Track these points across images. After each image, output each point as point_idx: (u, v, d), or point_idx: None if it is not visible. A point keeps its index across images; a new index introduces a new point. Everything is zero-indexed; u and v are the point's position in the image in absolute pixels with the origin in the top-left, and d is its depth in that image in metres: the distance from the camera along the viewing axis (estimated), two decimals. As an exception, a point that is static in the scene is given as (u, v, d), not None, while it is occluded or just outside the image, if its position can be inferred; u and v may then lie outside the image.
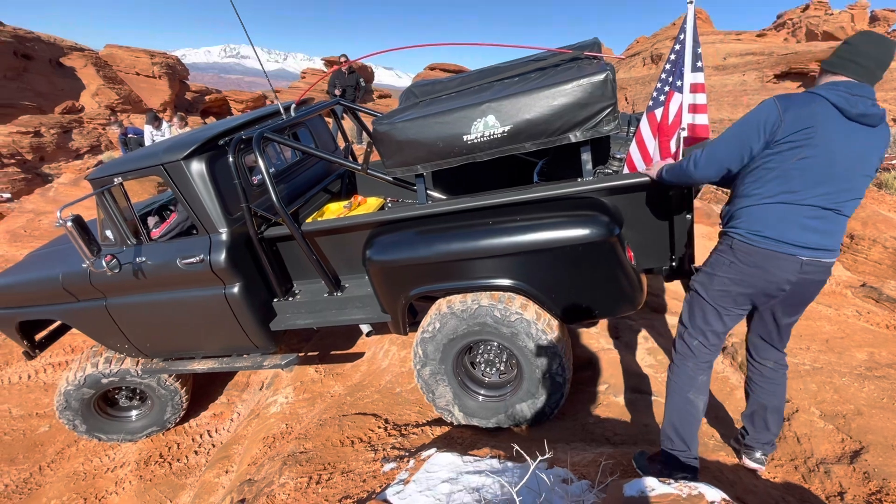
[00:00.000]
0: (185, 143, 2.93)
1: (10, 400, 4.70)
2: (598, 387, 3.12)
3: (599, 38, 3.00)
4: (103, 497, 3.76)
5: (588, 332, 3.68)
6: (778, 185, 1.78)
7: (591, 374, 3.27)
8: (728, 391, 2.99)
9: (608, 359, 3.37)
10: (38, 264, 3.77)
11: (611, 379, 3.15)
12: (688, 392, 2.08)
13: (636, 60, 28.54)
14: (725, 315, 2.01)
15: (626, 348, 3.48)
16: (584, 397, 3.05)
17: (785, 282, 1.85)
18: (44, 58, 30.61)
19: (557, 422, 2.78)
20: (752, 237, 1.85)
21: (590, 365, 3.36)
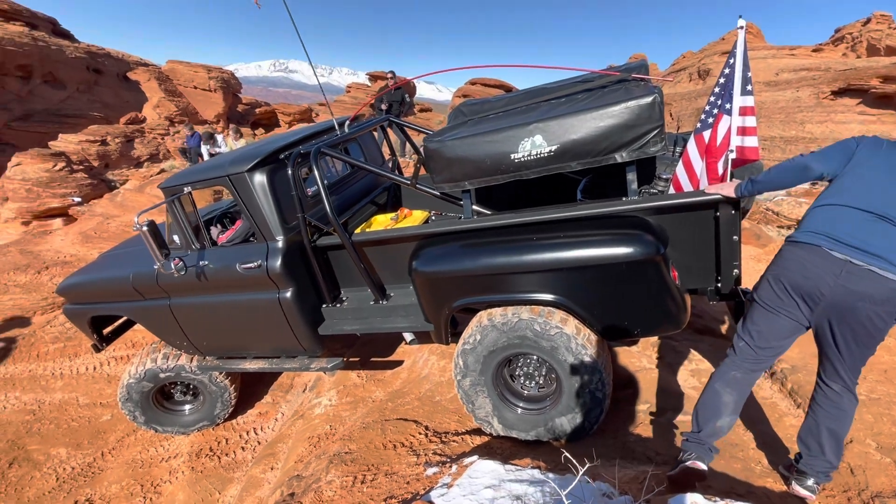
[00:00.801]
0: (249, 157, 3.15)
1: (78, 389, 5.07)
2: (638, 405, 3.10)
3: (645, 52, 3.03)
4: (158, 485, 4.01)
5: (629, 351, 3.66)
6: (835, 192, 1.91)
7: (632, 392, 3.25)
8: (777, 417, 2.91)
9: (650, 378, 3.35)
10: (111, 264, 4.08)
11: (653, 399, 3.13)
12: (715, 383, 2.16)
13: (682, 76, 27.97)
14: (772, 314, 2.03)
15: (669, 369, 3.44)
16: (625, 415, 3.04)
17: (824, 283, 1.86)
18: (112, 72, 32.95)
19: (597, 438, 2.78)
20: (796, 234, 1.97)
21: (630, 383, 3.34)
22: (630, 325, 2.59)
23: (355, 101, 31.89)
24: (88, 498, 3.91)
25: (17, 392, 5.01)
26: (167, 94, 31.43)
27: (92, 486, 4.04)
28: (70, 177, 17.87)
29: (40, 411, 4.81)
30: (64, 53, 29.69)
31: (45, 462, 4.25)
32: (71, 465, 4.22)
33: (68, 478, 4.12)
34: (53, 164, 17.73)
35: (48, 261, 7.44)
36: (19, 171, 17.21)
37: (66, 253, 7.77)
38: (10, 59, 26.53)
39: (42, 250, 7.91)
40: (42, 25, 30.69)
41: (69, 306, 4.12)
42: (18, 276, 6.95)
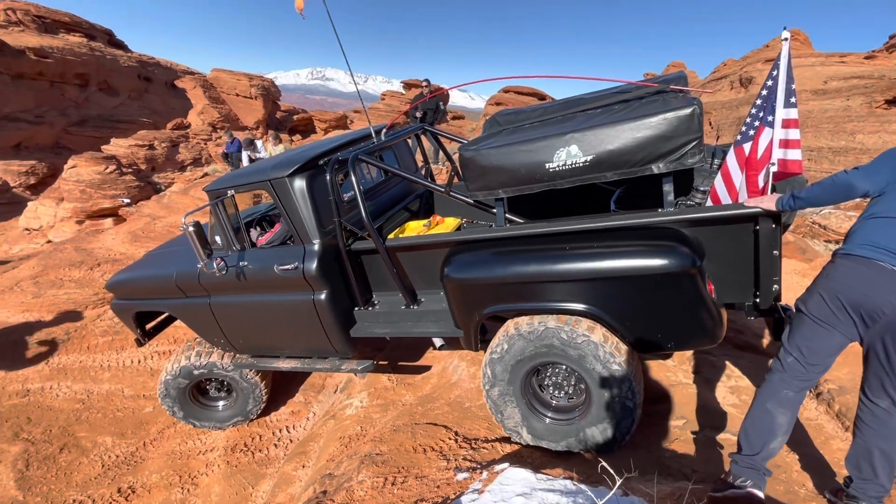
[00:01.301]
0: (290, 162, 3.26)
1: (123, 381, 5.32)
2: (674, 421, 3.03)
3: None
4: (195, 476, 4.15)
5: (664, 364, 3.58)
6: (888, 203, 1.84)
7: (667, 407, 3.18)
8: (823, 440, 2.79)
9: (686, 393, 3.26)
10: (156, 263, 4.28)
11: (689, 414, 3.05)
12: (766, 402, 2.06)
13: (723, 84, 27.19)
14: (824, 330, 1.96)
15: (706, 385, 3.34)
16: (660, 431, 2.97)
17: (886, 302, 1.78)
18: (161, 80, 34.66)
19: (630, 452, 2.73)
20: (850, 247, 1.89)
21: (665, 398, 3.26)
22: (663, 338, 2.55)
23: (390, 109, 32.42)
24: (131, 485, 4.09)
25: (69, 381, 5.29)
26: (211, 101, 32.79)
27: (134, 474, 4.22)
28: (120, 179, 18.85)
29: (89, 400, 5.06)
30: (118, 63, 31.44)
31: (93, 449, 4.47)
32: (115, 454, 4.43)
33: (112, 465, 4.32)
34: (105, 167, 18.75)
35: (100, 258, 7.86)
36: (74, 174, 18.28)
37: (116, 251, 8.20)
38: (70, 69, 28.27)
39: (94, 248, 8.37)
40: (99, 36, 32.62)
41: (116, 301, 4.34)
42: (73, 271, 7.37)
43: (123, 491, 4.04)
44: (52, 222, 17.29)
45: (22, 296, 6.75)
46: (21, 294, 6.79)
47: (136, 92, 32.31)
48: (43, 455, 4.36)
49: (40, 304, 6.53)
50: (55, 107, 27.33)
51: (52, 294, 6.79)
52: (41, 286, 6.99)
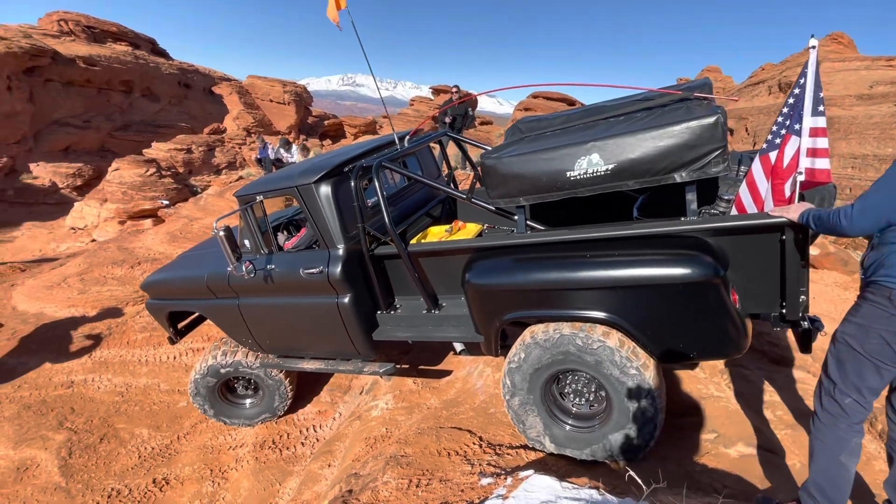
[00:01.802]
0: (316, 169, 3.34)
1: (159, 376, 5.53)
2: (704, 435, 2.95)
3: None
4: (225, 471, 4.28)
5: (695, 377, 3.50)
6: None
7: (698, 420, 3.10)
8: (864, 460, 2.67)
9: (717, 407, 3.18)
10: (188, 264, 4.43)
11: (721, 428, 2.97)
12: (839, 455, 1.93)
13: (760, 89, 26.37)
14: (885, 370, 1.86)
15: (740, 399, 3.25)
16: (689, 444, 2.91)
17: None
18: (199, 86, 35.97)
19: (659, 464, 2.68)
20: None
21: (696, 411, 3.19)
22: (686, 348, 2.51)
23: (418, 114, 32.73)
24: (165, 476, 4.24)
25: (110, 375, 5.53)
26: (246, 106, 33.80)
27: (168, 466, 4.37)
28: (159, 181, 19.62)
29: (127, 393, 5.28)
30: (160, 70, 32.80)
31: (130, 440, 4.66)
32: (151, 446, 4.60)
33: (148, 456, 4.49)
34: (146, 170, 19.56)
35: (140, 257, 8.21)
36: (117, 176, 19.13)
37: (155, 251, 8.54)
38: (116, 76, 29.65)
39: (135, 247, 8.75)
40: (143, 45, 34.13)
41: (151, 301, 4.51)
42: (115, 269, 7.72)
43: (158, 482, 4.19)
44: (96, 222, 18.13)
45: (68, 291, 7.10)
46: (68, 290, 7.15)
47: (176, 98, 33.64)
48: (84, 444, 4.57)
49: (85, 300, 6.86)
50: (101, 112, 28.70)
51: (96, 291, 7.12)
52: (86, 283, 7.35)
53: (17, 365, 5.63)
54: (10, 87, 24.01)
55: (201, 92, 35.82)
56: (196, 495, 4.06)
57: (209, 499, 4.03)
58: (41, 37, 27.28)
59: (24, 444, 4.52)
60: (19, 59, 24.17)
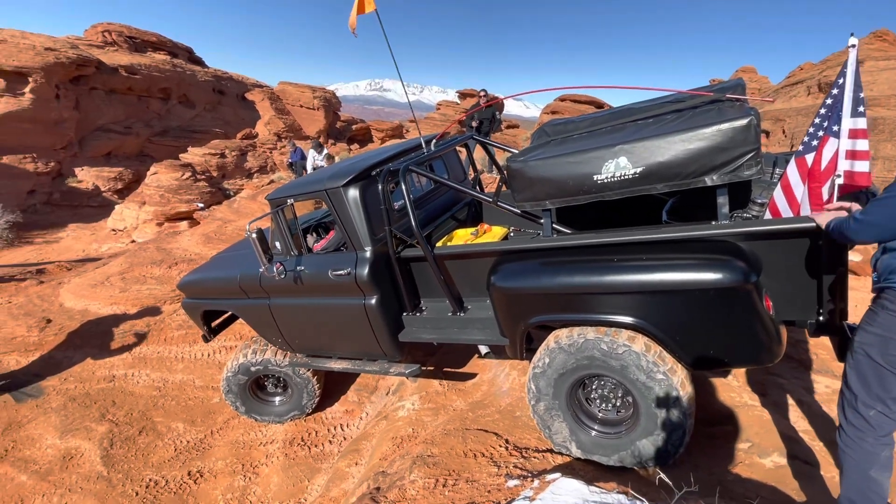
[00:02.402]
0: (345, 173, 3.41)
1: (194, 372, 5.73)
2: (738, 444, 2.88)
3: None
4: (256, 466, 4.40)
5: (728, 385, 3.41)
6: None
7: (731, 429, 3.03)
8: (909, 475, 2.56)
9: (752, 416, 3.09)
10: (222, 265, 4.58)
11: (755, 438, 2.89)
12: (869, 469, 1.87)
13: (799, 89, 25.46)
14: None
15: (775, 408, 3.15)
16: (723, 453, 2.84)
17: None
18: (233, 93, 37.07)
19: (691, 472, 2.63)
20: None
21: (730, 419, 3.11)
22: (717, 355, 2.45)
23: (445, 118, 32.89)
24: (199, 469, 4.39)
25: (148, 370, 5.76)
26: (277, 112, 34.65)
27: (202, 459, 4.52)
28: (195, 185, 20.30)
29: (165, 388, 5.49)
30: (196, 78, 33.98)
31: (167, 433, 4.84)
32: (186, 439, 4.77)
33: (184, 449, 4.65)
34: (182, 174, 20.27)
35: (177, 258, 8.52)
36: (155, 179, 19.89)
37: (191, 252, 8.85)
38: (155, 84, 30.86)
39: (173, 248, 9.09)
40: (180, 54, 35.44)
41: (186, 300, 4.67)
42: (154, 269, 8.04)
43: (193, 474, 4.34)
44: (135, 224, 18.89)
45: (111, 290, 7.44)
46: (110, 288, 7.48)
47: (210, 104, 34.77)
48: (124, 436, 4.78)
49: (126, 298, 7.17)
50: (141, 118, 29.91)
51: (136, 289, 7.43)
52: (127, 282, 7.67)
53: (63, 359, 5.93)
54: (58, 95, 25.30)
55: (235, 98, 36.92)
56: (228, 488, 4.18)
57: (241, 492, 4.15)
58: (87, 47, 28.67)
59: (69, 434, 4.76)
60: (66, 69, 25.46)
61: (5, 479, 4.28)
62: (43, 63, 24.10)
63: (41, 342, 6.18)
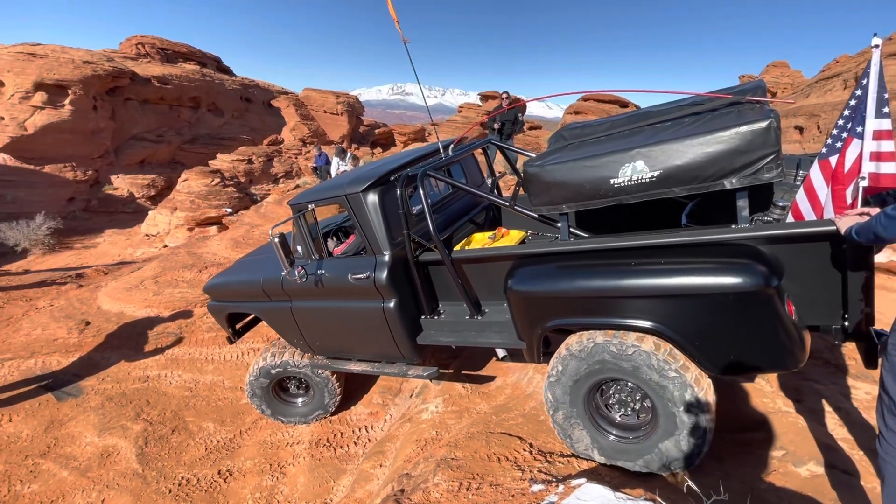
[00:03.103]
0: (364, 178, 3.46)
1: (224, 373, 5.87)
2: (772, 451, 2.79)
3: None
4: (283, 466, 4.48)
5: (761, 391, 3.31)
6: None
7: (764, 436, 2.93)
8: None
9: (786, 423, 2.99)
10: (246, 269, 4.69)
11: (789, 445, 2.79)
12: None
13: (834, 83, 24.54)
14: None
15: (811, 414, 3.04)
16: (755, 460, 2.76)
17: None
18: (259, 100, 37.92)
19: (721, 480, 2.56)
20: None
21: (762, 426, 3.02)
22: (739, 360, 2.40)
23: (466, 121, 32.92)
24: (229, 469, 4.50)
25: (180, 371, 5.94)
26: (302, 118, 35.32)
27: (231, 459, 4.64)
28: (223, 191, 20.84)
29: (195, 389, 5.65)
30: (224, 86, 34.91)
31: (198, 433, 4.97)
32: (216, 439, 4.89)
33: (214, 449, 4.78)
34: (211, 180, 20.84)
35: (207, 262, 8.77)
36: (186, 186, 20.50)
37: (221, 256, 9.10)
38: (185, 93, 31.84)
39: (203, 252, 9.36)
40: (209, 63, 36.48)
41: (212, 303, 4.80)
42: (185, 273, 8.29)
43: (223, 473, 4.45)
44: (167, 229, 19.51)
45: (145, 293, 7.70)
46: (144, 292, 7.75)
47: (238, 112, 35.67)
48: (158, 435, 4.93)
49: (159, 301, 7.41)
50: (172, 127, 30.91)
51: (168, 293, 7.68)
52: (160, 285, 7.93)
53: (101, 359, 6.16)
54: (96, 106, 26.38)
55: (261, 105, 37.78)
56: (257, 488, 4.27)
57: (269, 492, 4.23)
58: (122, 59, 29.81)
59: (106, 432, 4.94)
60: (103, 81, 26.53)
61: (48, 475, 4.48)
62: (81, 76, 25.18)
63: (80, 343, 6.44)
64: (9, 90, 24.28)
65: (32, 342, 6.47)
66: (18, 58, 24.62)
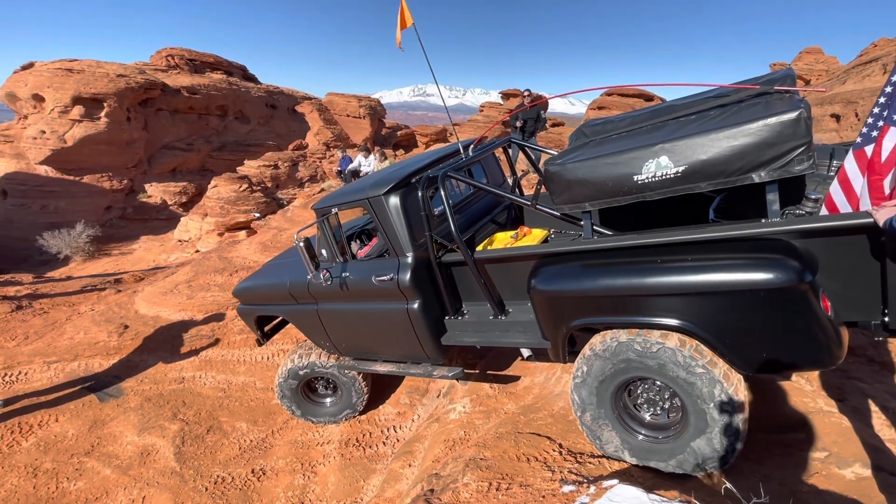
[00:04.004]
0: (385, 181, 3.49)
1: (256, 374, 6.01)
2: (814, 453, 2.68)
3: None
4: (314, 465, 4.56)
5: (800, 390, 3.19)
6: None
7: (805, 437, 2.82)
8: None
9: (829, 423, 2.87)
10: (273, 273, 4.79)
11: (833, 446, 2.68)
12: None
13: (873, 68, 23.46)
14: None
15: (856, 414, 2.92)
16: (796, 463, 2.66)
17: None
18: (284, 106, 38.66)
19: (761, 483, 2.48)
20: None
21: (803, 427, 2.91)
22: (771, 358, 2.32)
23: (488, 120, 32.83)
24: (262, 467, 4.61)
25: (213, 372, 6.11)
26: (325, 122, 35.86)
27: (264, 458, 4.74)
28: (251, 196, 21.34)
29: (229, 390, 5.80)
30: (250, 94, 35.73)
31: (232, 433, 5.11)
32: (249, 438, 5.01)
33: (247, 448, 4.90)
34: (239, 186, 21.35)
35: (237, 266, 9.01)
36: (215, 192, 21.06)
37: (250, 259, 9.33)
38: (213, 102, 32.73)
39: (233, 257, 9.61)
40: (235, 72, 37.40)
41: (241, 306, 4.92)
42: (217, 277, 8.53)
43: (256, 472, 4.56)
44: (198, 234, 20.09)
45: (179, 297, 7.95)
46: (178, 296, 8.00)
47: (263, 118, 36.46)
48: (194, 434, 5.09)
49: (192, 305, 7.64)
50: (201, 135, 31.83)
51: (201, 296, 7.91)
52: (193, 289, 8.18)
53: (139, 361, 6.39)
54: (129, 117, 27.40)
55: (285, 111, 38.52)
56: (289, 486, 4.36)
57: (301, 490, 4.31)
58: (153, 72, 30.87)
59: (146, 431, 5.12)
60: (136, 93, 27.54)
61: (92, 473, 4.67)
62: (115, 89, 26.20)
63: (120, 346, 6.70)
64: (49, 105, 25.47)
65: (76, 345, 6.76)
66: (57, 74, 25.80)
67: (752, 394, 3.28)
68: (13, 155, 25.68)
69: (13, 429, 5.13)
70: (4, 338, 7.06)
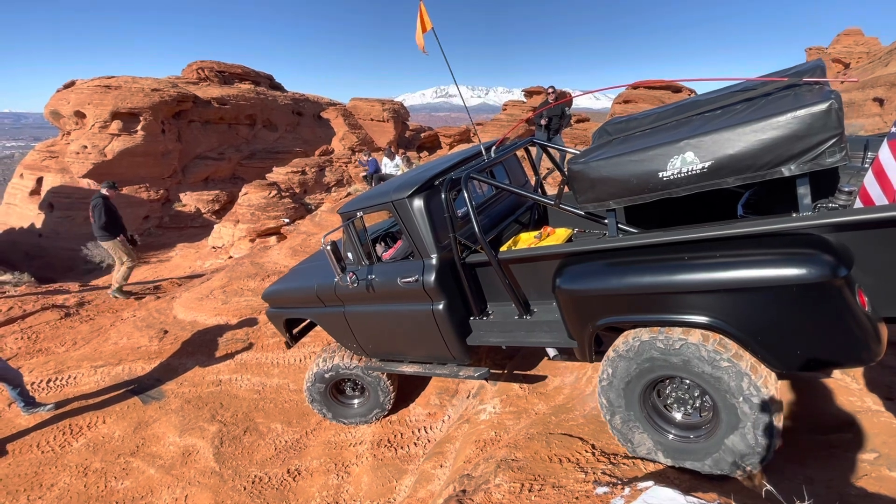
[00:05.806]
0: (409, 184, 3.53)
1: (289, 377, 6.15)
2: (862, 454, 2.57)
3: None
4: (347, 466, 4.63)
5: (846, 388, 3.06)
6: None
7: (852, 438, 2.71)
8: None
9: (878, 423, 2.75)
10: (300, 276, 4.89)
11: (883, 448, 2.56)
12: None
13: (917, 49, 22.21)
14: None
15: (907, 414, 2.78)
16: (842, 464, 2.55)
17: None
18: (310, 113, 39.38)
19: (804, 485, 2.39)
20: None
21: (850, 427, 2.79)
22: (807, 356, 2.25)
23: (511, 118, 32.64)
24: (297, 468, 4.71)
25: (249, 375, 6.28)
26: (350, 127, 36.36)
27: (299, 458, 4.84)
28: (280, 202, 21.81)
29: (264, 392, 5.95)
30: (277, 102, 36.56)
31: (267, 434, 5.24)
32: (284, 439, 5.13)
33: (283, 449, 5.01)
34: (269, 192, 21.86)
35: (269, 270, 9.23)
36: (246, 199, 21.63)
37: (281, 264, 9.55)
38: (242, 111, 33.63)
39: (264, 262, 9.85)
40: (262, 81, 38.32)
41: (270, 310, 5.04)
42: (249, 282, 8.76)
43: (291, 472, 4.66)
44: (231, 241, 20.68)
45: (214, 302, 8.21)
46: (213, 301, 8.26)
47: (290, 126, 37.24)
48: (232, 435, 5.24)
49: (227, 310, 7.87)
50: (232, 144, 32.75)
51: (235, 301, 8.14)
52: (228, 294, 8.43)
53: (178, 365, 6.63)
54: (164, 129, 28.46)
55: (311, 118, 39.25)
56: (324, 486, 4.44)
57: (335, 490, 4.39)
58: (185, 85, 31.96)
59: (186, 432, 5.31)
60: (169, 106, 28.59)
61: (138, 472, 4.87)
62: (150, 103, 27.26)
63: (160, 351, 6.96)
64: (90, 121, 26.71)
65: (119, 350, 7.06)
66: (96, 91, 27.03)
67: (794, 393, 3.17)
68: (58, 170, 27.03)
69: (65, 430, 5.39)
70: (55, 344, 7.44)
